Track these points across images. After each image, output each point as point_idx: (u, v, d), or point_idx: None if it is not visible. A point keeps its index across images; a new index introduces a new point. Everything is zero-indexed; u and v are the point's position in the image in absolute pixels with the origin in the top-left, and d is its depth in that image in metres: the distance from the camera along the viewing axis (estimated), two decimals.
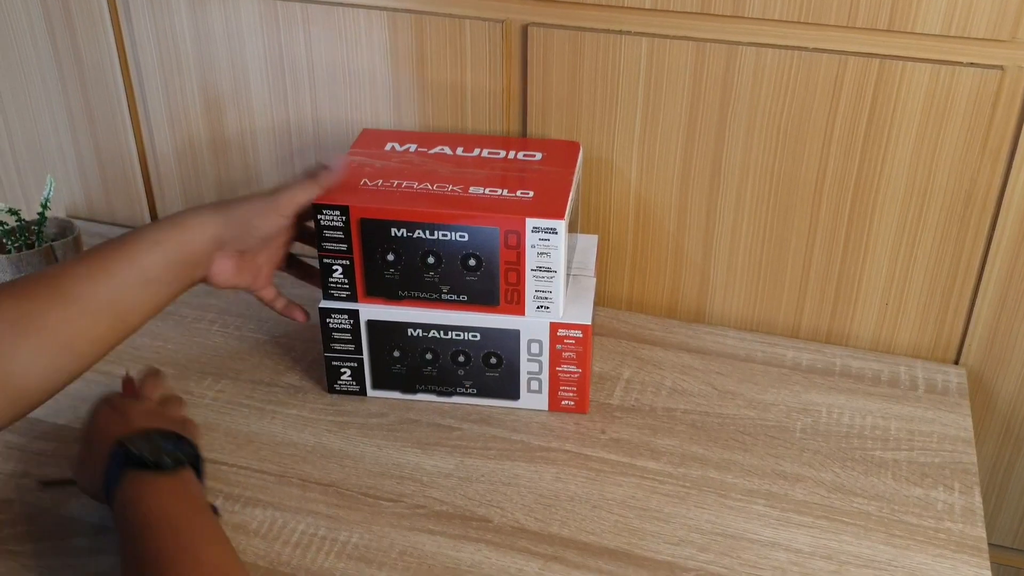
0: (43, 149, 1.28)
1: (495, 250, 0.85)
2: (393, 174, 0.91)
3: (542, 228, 0.83)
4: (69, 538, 0.80)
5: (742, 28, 0.94)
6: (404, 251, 0.86)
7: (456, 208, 0.85)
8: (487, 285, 0.87)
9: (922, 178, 0.95)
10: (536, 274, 0.85)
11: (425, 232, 0.85)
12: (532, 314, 0.87)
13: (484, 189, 0.87)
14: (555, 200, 0.86)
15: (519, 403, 0.95)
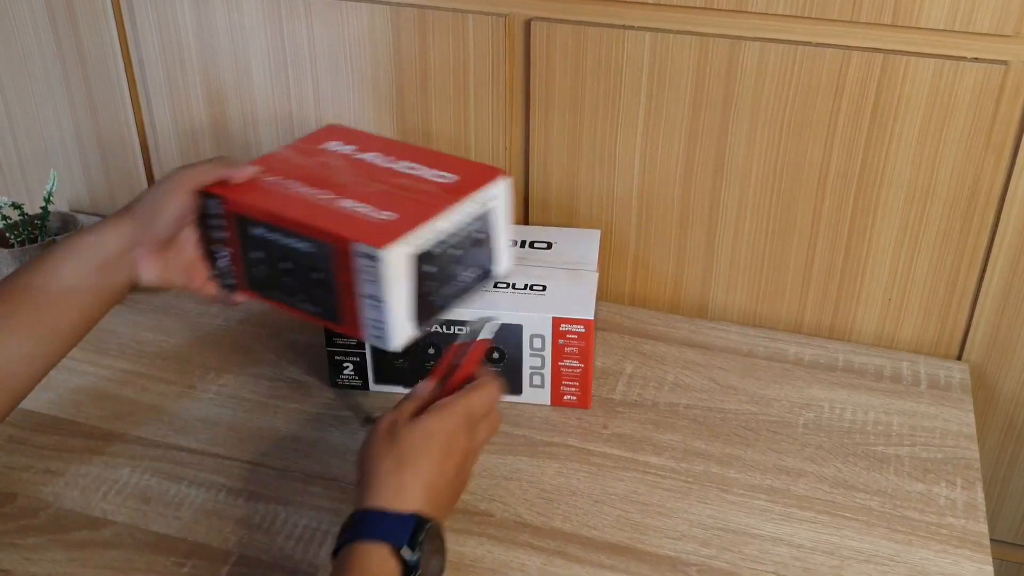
0: (46, 143, 1.28)
1: (332, 268, 0.80)
2: (296, 173, 0.88)
3: (366, 254, 0.76)
4: (71, 531, 0.80)
5: (745, 23, 0.94)
6: (265, 251, 0.84)
7: (305, 217, 0.81)
8: (330, 301, 0.82)
9: (925, 173, 0.95)
10: (367, 301, 0.78)
11: (279, 236, 0.82)
12: (370, 340, 0.81)
13: (355, 203, 0.83)
14: (404, 227, 0.79)
15: (521, 398, 0.95)
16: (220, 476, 0.86)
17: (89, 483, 0.85)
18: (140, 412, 0.93)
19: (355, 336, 0.82)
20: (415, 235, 0.79)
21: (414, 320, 0.81)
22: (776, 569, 0.77)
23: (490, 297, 0.92)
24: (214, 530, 0.80)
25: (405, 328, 0.80)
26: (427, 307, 0.83)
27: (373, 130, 1.11)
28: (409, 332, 0.81)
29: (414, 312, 0.81)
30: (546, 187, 1.08)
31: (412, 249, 0.79)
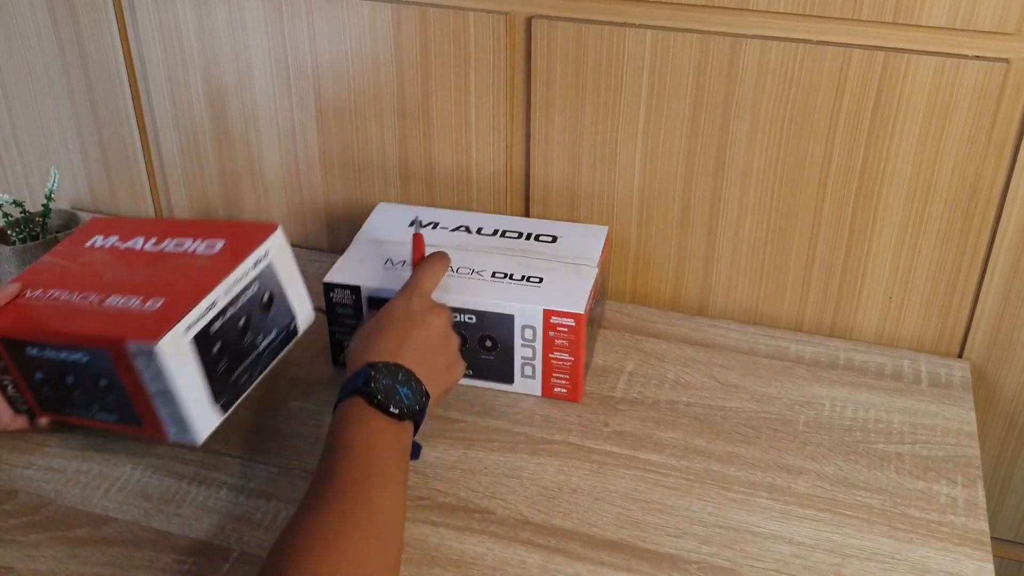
0: (47, 141, 1.28)
1: (115, 372, 0.76)
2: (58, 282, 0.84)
3: (141, 351, 0.73)
4: (72, 528, 0.80)
5: (747, 20, 0.94)
6: (45, 370, 0.80)
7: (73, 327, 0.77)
8: (125, 405, 0.79)
9: (926, 171, 0.95)
10: (158, 398, 0.76)
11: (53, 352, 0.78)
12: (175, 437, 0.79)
13: (123, 299, 0.79)
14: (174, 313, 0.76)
15: (513, 387, 0.95)
16: (221, 473, 0.86)
17: (90, 480, 0.85)
18: None
19: (161, 438, 0.79)
20: (188, 318, 0.75)
21: (215, 404, 0.78)
22: (777, 567, 0.77)
23: (484, 287, 0.92)
24: (215, 527, 0.80)
25: (208, 416, 0.78)
26: (227, 386, 0.79)
27: (374, 129, 1.11)
28: (213, 419, 0.79)
29: (212, 396, 0.77)
30: (547, 185, 1.08)
31: (188, 334, 0.75)
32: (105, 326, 0.76)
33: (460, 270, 0.95)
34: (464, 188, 1.11)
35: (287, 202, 1.20)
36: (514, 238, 1.01)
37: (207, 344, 0.77)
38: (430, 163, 1.11)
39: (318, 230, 1.21)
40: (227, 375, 0.80)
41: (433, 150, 1.10)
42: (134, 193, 1.28)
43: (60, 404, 0.83)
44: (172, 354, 0.74)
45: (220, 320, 0.78)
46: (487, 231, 1.02)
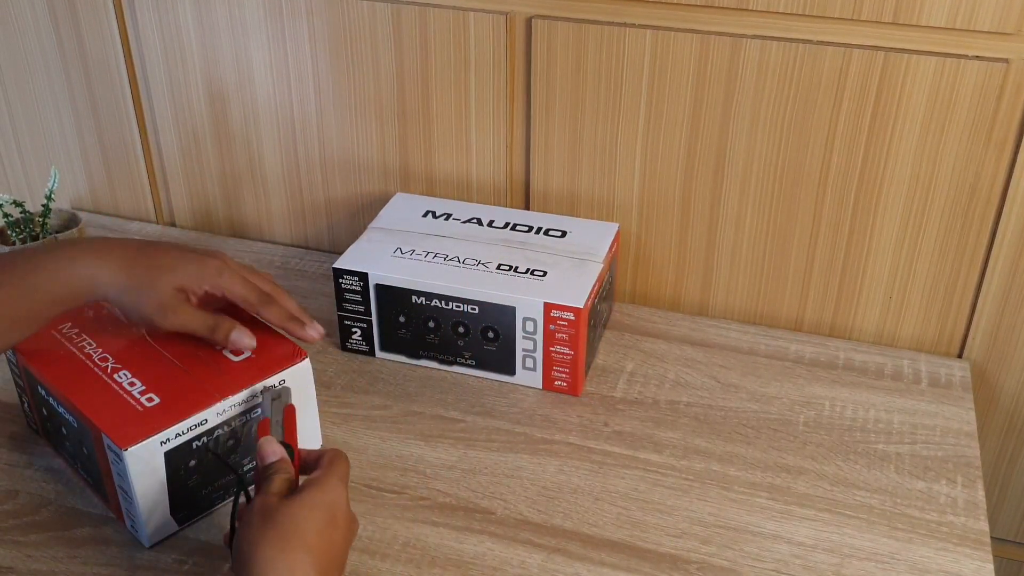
0: (47, 141, 1.28)
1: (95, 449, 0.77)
2: (92, 327, 0.84)
3: (111, 448, 0.73)
4: (73, 528, 0.80)
5: (746, 20, 0.94)
6: (48, 410, 0.82)
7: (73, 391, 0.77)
8: (98, 478, 0.79)
9: (926, 171, 0.95)
10: (120, 492, 0.76)
11: (55, 402, 0.80)
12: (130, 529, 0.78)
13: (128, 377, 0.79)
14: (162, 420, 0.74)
15: (515, 379, 0.96)
16: None
17: None
18: None
19: (120, 519, 0.79)
20: (168, 432, 0.73)
21: (173, 516, 0.77)
22: (776, 567, 0.77)
23: (488, 278, 0.93)
24: (215, 527, 0.80)
25: (161, 525, 0.77)
26: (191, 501, 0.78)
27: (374, 129, 1.11)
28: (167, 528, 0.78)
29: (170, 508, 0.77)
30: (547, 184, 1.08)
31: (163, 447, 0.73)
32: (97, 407, 0.76)
33: (466, 261, 0.96)
34: (464, 188, 1.11)
35: (287, 202, 1.20)
36: (524, 231, 1.01)
37: (182, 458, 0.75)
38: (430, 163, 1.11)
39: (318, 230, 1.21)
40: (195, 491, 0.78)
41: (433, 150, 1.10)
42: (134, 193, 1.28)
43: (55, 441, 0.86)
44: (138, 463, 0.73)
45: (204, 438, 0.76)
46: (498, 224, 1.03)
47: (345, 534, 0.67)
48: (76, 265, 0.77)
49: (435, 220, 1.04)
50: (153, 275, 0.78)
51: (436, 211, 1.06)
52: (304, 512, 0.65)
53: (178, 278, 0.79)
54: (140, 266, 0.78)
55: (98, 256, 0.77)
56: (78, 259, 0.77)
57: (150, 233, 1.26)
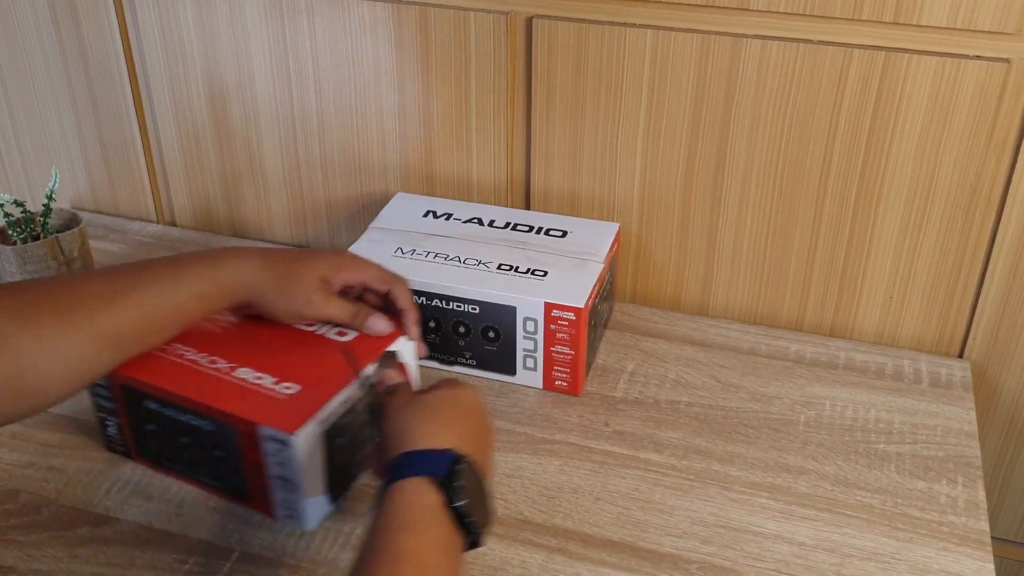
0: (48, 141, 1.28)
1: (236, 448, 0.77)
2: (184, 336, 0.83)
3: (274, 438, 0.74)
4: (73, 528, 0.80)
5: (747, 20, 0.94)
6: (159, 424, 0.81)
7: (202, 395, 0.77)
8: (235, 479, 0.79)
9: (927, 171, 0.95)
10: (277, 482, 0.77)
11: (174, 411, 0.79)
12: (281, 520, 0.79)
13: (253, 373, 0.79)
14: (311, 403, 0.76)
15: (515, 379, 0.96)
16: None
17: (91, 480, 0.85)
18: None
19: (264, 514, 0.80)
20: (323, 412, 0.75)
21: (328, 496, 0.79)
22: (777, 567, 0.77)
23: (489, 278, 0.93)
24: (216, 527, 0.80)
25: (319, 507, 0.78)
26: (341, 478, 0.80)
27: (374, 129, 1.11)
28: (323, 510, 0.79)
29: (327, 488, 0.78)
30: (547, 184, 1.08)
31: (322, 427, 0.75)
32: (239, 403, 0.76)
33: (467, 261, 0.96)
34: (464, 187, 1.11)
35: (288, 201, 1.20)
36: (524, 231, 1.01)
37: (333, 437, 0.77)
38: (430, 163, 1.11)
39: (319, 230, 1.21)
40: (343, 467, 0.80)
41: (433, 150, 1.10)
42: (135, 192, 1.28)
43: (162, 457, 0.84)
44: (304, 447, 0.74)
45: (348, 415, 0.79)
46: (499, 224, 1.03)
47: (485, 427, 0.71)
48: (221, 266, 0.80)
49: (436, 220, 1.04)
50: (296, 269, 0.82)
51: (437, 211, 1.06)
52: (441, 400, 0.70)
53: (319, 270, 0.82)
54: (282, 263, 0.82)
55: (240, 258, 0.81)
56: (221, 261, 0.80)
57: (151, 233, 1.26)
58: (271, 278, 0.81)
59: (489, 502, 0.66)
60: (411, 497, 0.62)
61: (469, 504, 0.62)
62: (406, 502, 0.61)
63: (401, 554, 0.58)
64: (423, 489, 0.62)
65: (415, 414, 0.68)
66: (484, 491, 0.65)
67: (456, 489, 0.62)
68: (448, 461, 0.63)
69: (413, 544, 0.59)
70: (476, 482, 0.64)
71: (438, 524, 0.61)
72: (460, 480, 0.62)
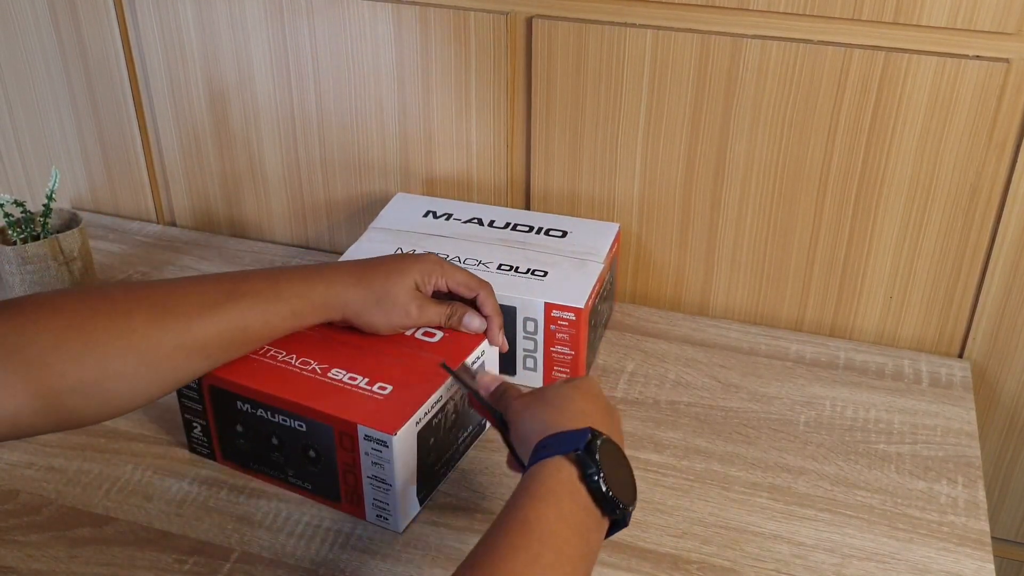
0: (48, 141, 1.28)
1: (331, 448, 0.78)
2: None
3: (373, 438, 0.75)
4: (73, 528, 0.80)
5: (747, 20, 0.94)
6: (249, 426, 0.82)
7: (297, 395, 0.78)
8: (327, 479, 0.80)
9: (927, 171, 0.95)
10: (372, 483, 0.78)
11: (266, 412, 0.79)
12: (373, 520, 0.80)
13: (344, 373, 0.80)
14: (407, 404, 0.77)
15: (516, 378, 0.96)
16: (222, 473, 0.86)
17: (91, 480, 0.85)
18: (143, 410, 0.93)
19: (356, 515, 0.81)
20: (419, 412, 0.76)
21: (419, 496, 0.80)
22: (777, 567, 0.77)
23: (489, 278, 0.93)
24: (216, 527, 0.80)
25: (410, 506, 0.79)
26: (431, 479, 0.81)
27: (374, 129, 1.11)
28: (414, 509, 0.80)
29: (420, 488, 0.80)
30: (547, 184, 1.08)
31: (416, 427, 0.76)
32: (336, 404, 0.77)
33: (467, 261, 0.96)
34: (465, 187, 1.11)
35: (288, 202, 1.20)
36: (524, 231, 1.01)
37: (426, 437, 0.78)
38: (431, 163, 1.11)
39: (319, 230, 1.21)
40: (432, 467, 0.81)
41: (434, 150, 1.10)
42: (135, 193, 1.28)
43: (249, 458, 0.84)
44: (402, 447, 0.75)
45: (440, 415, 0.80)
46: (499, 224, 1.03)
47: (607, 409, 0.71)
48: (315, 285, 0.81)
49: (436, 220, 1.04)
50: (390, 285, 0.82)
51: (437, 211, 1.06)
52: (562, 391, 0.71)
53: (410, 278, 0.83)
54: (376, 280, 0.82)
55: (333, 277, 0.82)
56: (315, 280, 0.81)
57: (151, 233, 1.26)
58: (366, 296, 0.82)
59: (630, 480, 0.66)
60: (547, 471, 0.62)
61: (607, 478, 0.62)
62: (542, 476, 0.62)
63: (530, 522, 0.59)
64: (560, 465, 0.62)
65: (545, 407, 0.69)
66: (624, 468, 0.65)
67: (591, 462, 0.62)
68: (585, 437, 0.63)
69: (544, 514, 0.60)
70: (615, 459, 0.64)
71: (572, 497, 0.61)
72: (597, 455, 0.62)
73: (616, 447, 0.66)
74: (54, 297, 0.72)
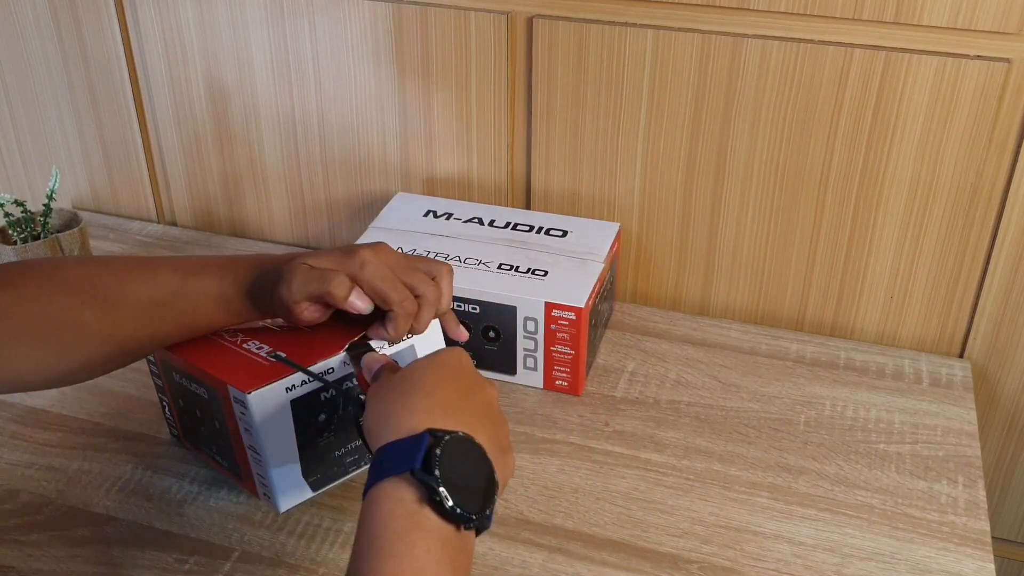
0: (49, 140, 1.28)
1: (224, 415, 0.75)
2: None
3: (236, 399, 0.72)
4: (73, 528, 0.80)
5: (748, 20, 0.94)
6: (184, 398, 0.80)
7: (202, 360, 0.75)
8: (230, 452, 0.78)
9: (927, 171, 0.95)
10: (250, 454, 0.75)
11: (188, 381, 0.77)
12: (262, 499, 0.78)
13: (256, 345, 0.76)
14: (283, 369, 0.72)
15: (516, 378, 0.96)
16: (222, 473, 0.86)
17: (92, 480, 0.85)
18: (143, 409, 0.93)
19: (253, 493, 0.77)
20: (293, 378, 0.71)
21: (305, 478, 0.75)
22: (777, 567, 0.77)
23: (489, 278, 0.93)
24: (216, 527, 0.80)
25: (294, 488, 0.74)
26: (324, 463, 0.76)
27: (375, 128, 1.11)
28: (300, 493, 0.75)
29: (306, 470, 0.74)
30: (547, 184, 1.08)
31: (289, 394, 0.71)
32: (221, 366, 0.73)
33: (467, 261, 0.96)
34: (465, 187, 1.11)
35: (288, 201, 1.20)
36: (525, 231, 1.01)
37: (310, 411, 0.73)
38: (431, 162, 1.11)
39: (319, 230, 1.21)
40: (327, 451, 0.76)
41: (434, 149, 1.10)
42: (135, 192, 1.28)
43: (194, 436, 0.83)
44: (262, 409, 0.70)
45: (334, 392, 0.74)
46: (499, 223, 1.03)
47: (472, 383, 0.63)
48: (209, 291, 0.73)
49: (436, 220, 1.04)
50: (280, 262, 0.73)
51: (437, 211, 1.06)
52: (417, 372, 0.62)
53: (307, 258, 0.72)
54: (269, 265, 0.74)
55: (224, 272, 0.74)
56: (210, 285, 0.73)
57: (151, 232, 1.26)
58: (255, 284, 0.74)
59: (482, 478, 0.58)
60: (388, 506, 0.55)
61: (455, 491, 0.54)
62: (383, 515, 0.54)
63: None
64: (400, 493, 0.55)
65: (391, 394, 0.61)
66: (475, 466, 0.58)
67: (431, 480, 0.54)
68: (423, 447, 0.55)
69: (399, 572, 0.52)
70: (462, 459, 0.57)
71: (424, 535, 0.54)
72: (438, 467, 0.54)
73: (464, 443, 0.57)
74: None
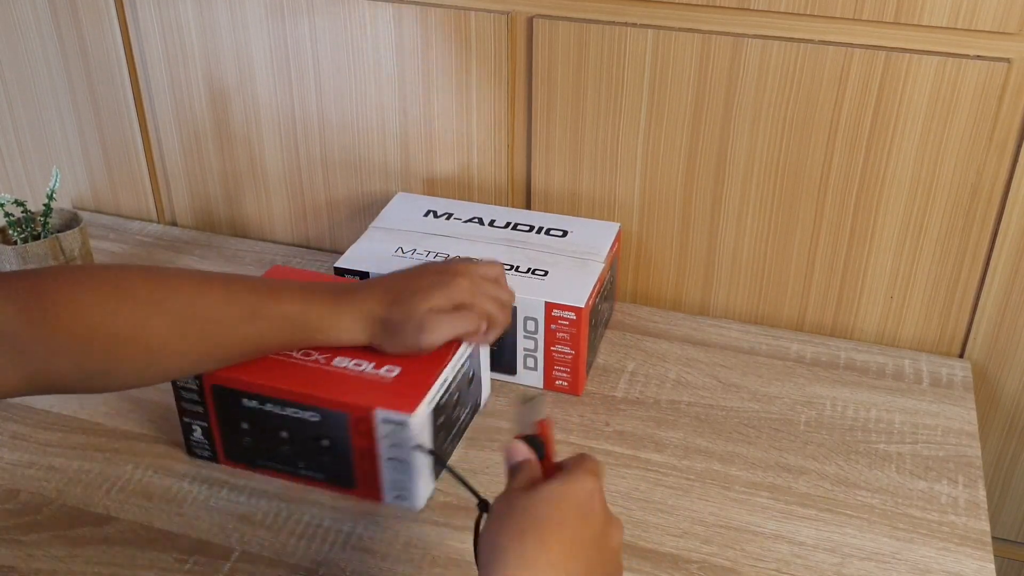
0: (49, 140, 1.28)
1: (345, 435, 0.78)
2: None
3: (391, 420, 0.76)
4: (74, 528, 0.80)
5: (748, 20, 0.94)
6: (255, 422, 0.81)
7: (306, 386, 0.78)
8: (341, 466, 0.81)
9: (928, 171, 0.95)
10: (389, 464, 0.78)
11: (275, 407, 0.79)
12: (390, 501, 0.81)
13: (349, 361, 0.80)
14: (419, 385, 0.78)
15: (516, 378, 0.96)
16: (222, 473, 0.86)
17: (92, 480, 0.85)
18: (143, 409, 0.93)
19: (372, 499, 0.81)
20: (432, 391, 0.78)
21: (432, 474, 0.82)
22: (777, 567, 0.77)
23: None
24: (216, 526, 0.80)
25: (427, 486, 0.81)
26: (439, 457, 0.83)
27: (375, 128, 1.11)
28: (430, 487, 0.82)
29: (433, 465, 0.81)
30: (548, 184, 1.08)
31: (430, 406, 0.78)
32: (348, 391, 0.77)
33: None
34: (465, 187, 1.11)
35: (288, 201, 1.20)
36: (525, 231, 1.01)
37: (437, 416, 0.80)
38: (431, 162, 1.11)
39: (319, 230, 1.21)
40: (442, 445, 0.83)
41: (434, 149, 1.10)
42: (135, 192, 1.28)
43: (256, 455, 0.84)
44: (419, 426, 0.76)
45: (447, 395, 0.81)
46: (499, 223, 1.03)
47: (598, 530, 0.61)
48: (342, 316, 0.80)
49: (436, 220, 1.04)
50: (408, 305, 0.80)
51: (437, 210, 1.06)
52: (543, 504, 0.59)
53: (430, 301, 0.80)
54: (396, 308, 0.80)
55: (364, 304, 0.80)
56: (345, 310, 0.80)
57: (151, 232, 1.26)
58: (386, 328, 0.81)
59: None
60: None
61: None
62: None
63: None
64: None
65: (510, 521, 0.58)
66: None
67: None
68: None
69: None
70: None
71: None
72: None
73: None
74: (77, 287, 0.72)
